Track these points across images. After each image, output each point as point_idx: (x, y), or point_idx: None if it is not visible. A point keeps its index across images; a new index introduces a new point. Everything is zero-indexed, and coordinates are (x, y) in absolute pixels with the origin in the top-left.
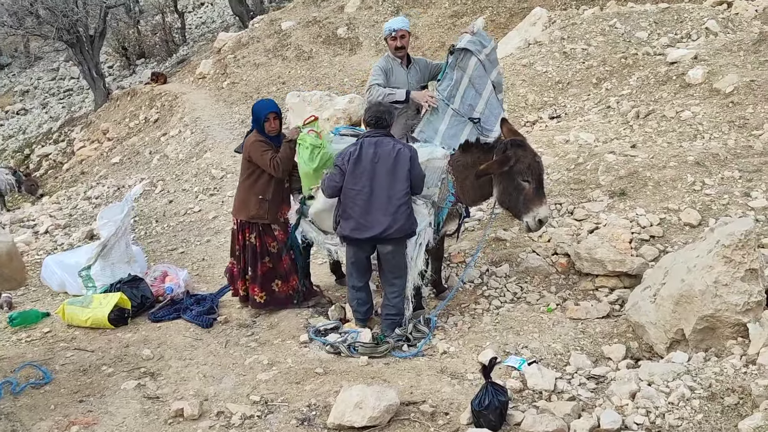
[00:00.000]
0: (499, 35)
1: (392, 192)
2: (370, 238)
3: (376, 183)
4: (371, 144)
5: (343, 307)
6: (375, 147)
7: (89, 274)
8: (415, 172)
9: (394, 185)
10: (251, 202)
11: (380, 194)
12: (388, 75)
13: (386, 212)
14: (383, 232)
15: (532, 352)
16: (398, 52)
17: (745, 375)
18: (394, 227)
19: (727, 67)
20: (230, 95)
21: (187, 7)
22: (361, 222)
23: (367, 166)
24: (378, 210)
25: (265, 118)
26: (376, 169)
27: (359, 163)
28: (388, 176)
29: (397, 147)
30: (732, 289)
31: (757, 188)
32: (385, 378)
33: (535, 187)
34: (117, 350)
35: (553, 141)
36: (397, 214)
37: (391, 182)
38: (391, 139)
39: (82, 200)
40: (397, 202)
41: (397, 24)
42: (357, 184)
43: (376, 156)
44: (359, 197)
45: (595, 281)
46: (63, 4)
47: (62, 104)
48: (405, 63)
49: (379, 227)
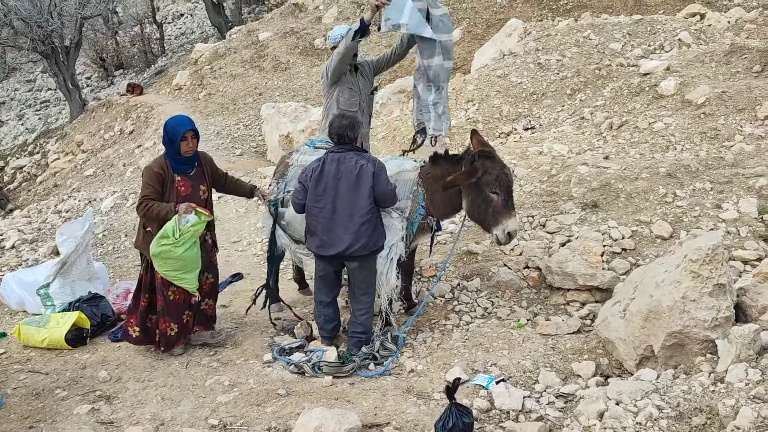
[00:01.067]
0: (475, 46)
1: (354, 210)
2: (334, 255)
3: (338, 200)
4: (334, 160)
5: (309, 325)
6: (338, 163)
7: (48, 292)
8: (379, 187)
9: (357, 202)
10: (139, 231)
11: (342, 212)
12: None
13: (348, 230)
14: (346, 249)
15: (501, 369)
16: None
17: (713, 394)
18: (356, 245)
19: (699, 78)
20: (206, 106)
21: (166, 18)
22: (324, 239)
23: (329, 182)
24: (340, 227)
25: (182, 137)
26: (338, 186)
27: (321, 180)
28: (351, 193)
29: (360, 163)
30: (700, 304)
31: (728, 200)
32: (350, 399)
33: (504, 199)
34: (72, 372)
35: (527, 152)
36: (359, 232)
37: (353, 199)
38: (355, 154)
39: (53, 214)
40: (360, 219)
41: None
42: (319, 201)
43: (338, 173)
44: (321, 215)
45: (566, 295)
46: (38, 15)
47: (39, 116)
48: (353, 69)
49: (342, 245)
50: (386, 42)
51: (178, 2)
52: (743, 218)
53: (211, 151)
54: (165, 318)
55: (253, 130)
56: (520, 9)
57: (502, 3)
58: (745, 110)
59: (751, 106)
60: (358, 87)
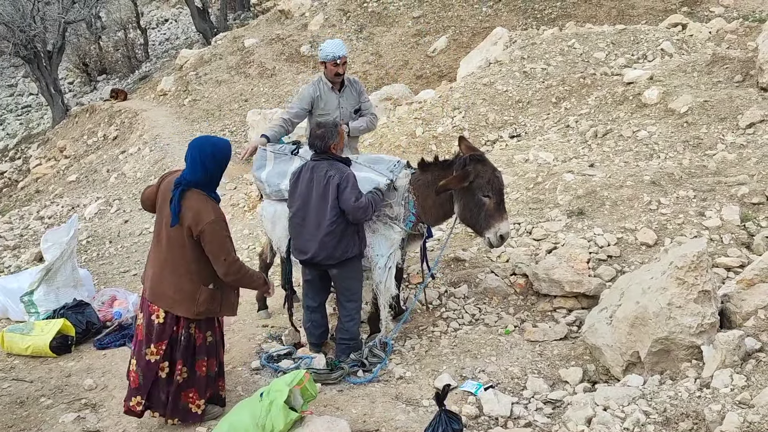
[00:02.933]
0: (461, 54)
1: (321, 219)
2: (304, 261)
3: (308, 208)
4: (308, 168)
5: (298, 332)
6: (311, 172)
7: (32, 299)
8: (342, 201)
9: (324, 212)
10: (201, 296)
11: (311, 220)
12: (316, 102)
13: (314, 238)
14: (312, 257)
15: (489, 376)
16: (337, 78)
17: (699, 399)
18: (321, 255)
19: (682, 87)
20: (191, 112)
21: (150, 24)
22: (296, 244)
23: (303, 190)
24: (308, 234)
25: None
26: (310, 195)
27: (296, 187)
28: (319, 202)
29: (329, 174)
30: (685, 311)
31: (711, 207)
32: (338, 406)
33: (496, 203)
34: (58, 380)
35: (513, 160)
36: (322, 242)
37: (321, 209)
38: (328, 164)
39: (35, 220)
40: (325, 230)
41: (339, 51)
42: (293, 206)
43: (311, 181)
44: (294, 220)
45: (553, 302)
46: (20, 20)
47: (20, 121)
48: (338, 87)
49: (309, 252)
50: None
51: (162, 8)
52: (726, 225)
53: None
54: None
55: (238, 136)
56: (505, 18)
57: (487, 12)
58: (726, 119)
59: (732, 115)
60: (338, 105)
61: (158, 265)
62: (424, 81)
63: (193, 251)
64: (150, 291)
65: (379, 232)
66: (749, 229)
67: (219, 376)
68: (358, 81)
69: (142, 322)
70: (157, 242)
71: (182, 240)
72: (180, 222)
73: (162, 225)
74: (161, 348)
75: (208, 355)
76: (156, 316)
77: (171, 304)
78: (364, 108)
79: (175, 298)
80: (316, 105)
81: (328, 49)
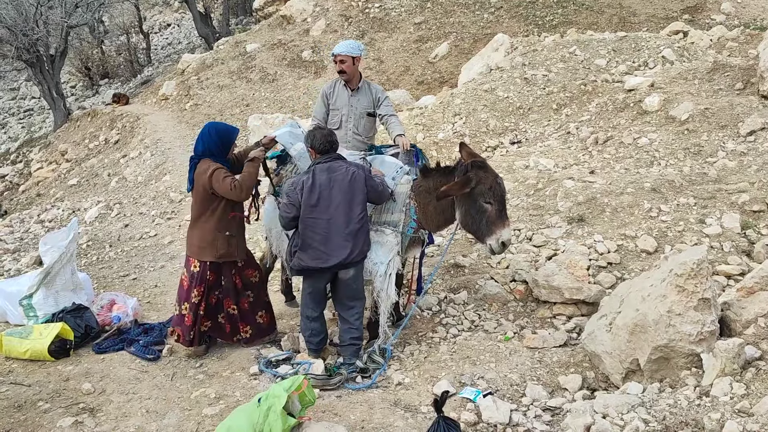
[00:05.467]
0: (462, 60)
1: (350, 216)
2: (334, 265)
3: (333, 209)
4: (323, 170)
5: (296, 337)
6: (328, 173)
7: (31, 302)
8: (373, 190)
9: (352, 209)
10: (218, 240)
11: (338, 220)
12: (328, 98)
13: (347, 238)
14: (347, 257)
15: (488, 382)
16: (341, 75)
17: (699, 407)
18: (355, 252)
19: (683, 95)
20: (193, 117)
21: (152, 28)
22: (321, 250)
23: (323, 193)
24: (338, 236)
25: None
26: (332, 196)
27: (314, 191)
28: (345, 201)
29: (351, 170)
30: (685, 318)
31: (712, 215)
32: (336, 412)
33: (497, 209)
34: (56, 384)
35: (514, 166)
36: (357, 238)
37: (348, 207)
38: (343, 161)
39: (35, 223)
40: (356, 226)
41: (338, 49)
42: (314, 212)
43: (330, 182)
44: (318, 226)
45: (552, 309)
46: (23, 23)
47: (22, 124)
48: (351, 86)
49: (343, 253)
50: (373, 56)
51: (165, 12)
52: (726, 233)
53: None
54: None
55: (240, 141)
56: (507, 24)
57: (489, 18)
58: (727, 127)
59: (733, 123)
60: (348, 104)
61: (190, 225)
62: (426, 87)
63: (209, 206)
64: (187, 247)
65: (374, 239)
66: (749, 236)
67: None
68: (381, 89)
69: (185, 275)
70: (190, 208)
71: (199, 199)
72: (194, 186)
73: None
74: (201, 291)
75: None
76: (193, 266)
77: (198, 252)
78: (386, 111)
79: (201, 246)
80: (329, 99)
81: (335, 48)
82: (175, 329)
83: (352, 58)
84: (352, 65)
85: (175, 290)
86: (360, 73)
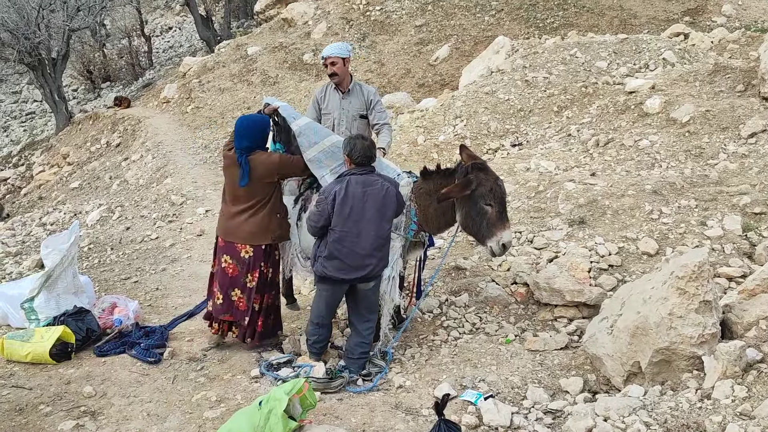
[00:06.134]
0: (463, 63)
1: (379, 231)
2: (357, 278)
3: (364, 223)
4: (359, 182)
5: (298, 340)
6: (363, 186)
7: (32, 306)
8: (400, 203)
9: (382, 225)
10: (273, 223)
11: (367, 234)
12: (319, 102)
13: (373, 253)
14: (371, 271)
15: (489, 385)
16: (331, 78)
17: (700, 410)
18: (379, 266)
19: (684, 97)
20: (194, 120)
21: (154, 31)
22: (347, 263)
23: (356, 205)
24: (365, 249)
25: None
26: (365, 210)
27: (346, 203)
28: (377, 216)
29: (385, 186)
30: (686, 321)
31: (713, 217)
32: (338, 415)
33: (498, 211)
34: (57, 387)
35: (515, 168)
36: (382, 252)
37: (379, 222)
38: (377, 175)
39: (37, 226)
40: (383, 241)
41: (327, 51)
42: (345, 224)
43: (364, 195)
44: (348, 238)
45: (553, 311)
46: (25, 27)
47: (24, 127)
48: (342, 88)
49: (368, 267)
50: (374, 58)
51: (166, 16)
52: (728, 235)
53: (199, 165)
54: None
55: None
56: (508, 26)
57: (490, 20)
58: (728, 129)
59: (734, 125)
60: (339, 107)
61: (236, 213)
62: (426, 89)
63: (268, 192)
64: (232, 234)
65: None
66: (751, 238)
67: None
68: (374, 91)
69: (231, 263)
70: (232, 198)
71: (259, 188)
72: (250, 179)
73: (235, 185)
74: (255, 276)
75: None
76: (245, 252)
77: (252, 237)
78: (379, 119)
79: (254, 232)
80: (321, 104)
81: (324, 50)
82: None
83: (342, 60)
84: (342, 66)
85: (176, 293)
86: (351, 75)
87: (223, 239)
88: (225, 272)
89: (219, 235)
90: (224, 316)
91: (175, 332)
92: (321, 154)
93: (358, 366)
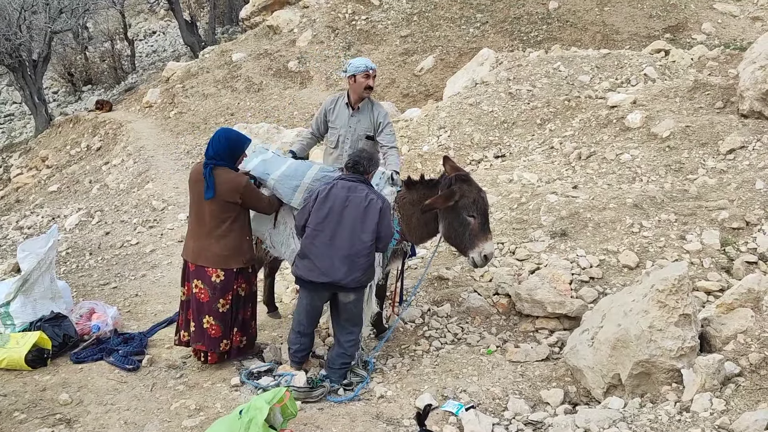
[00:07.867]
0: (448, 74)
1: (355, 241)
2: (325, 284)
3: (340, 228)
4: (344, 187)
5: (279, 349)
6: (347, 191)
7: (8, 311)
8: (384, 223)
9: (360, 235)
10: (244, 246)
11: (341, 241)
12: (327, 115)
13: (345, 260)
14: (340, 279)
15: (471, 396)
16: (367, 91)
17: (679, 423)
18: (349, 277)
19: (664, 112)
20: (177, 125)
21: (137, 35)
22: (316, 264)
23: (335, 208)
24: (336, 256)
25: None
26: (343, 214)
27: (326, 204)
28: (355, 224)
29: (370, 197)
30: (666, 334)
31: (692, 231)
32: (318, 425)
33: (480, 223)
34: (32, 394)
35: (497, 180)
36: (355, 264)
37: (356, 231)
38: (366, 187)
39: (14, 230)
40: (359, 252)
41: (367, 63)
42: (320, 224)
43: (346, 200)
44: (319, 239)
45: (535, 323)
46: (6, 28)
47: (2, 129)
48: (353, 105)
49: (336, 274)
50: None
51: (150, 20)
52: (706, 249)
53: (181, 170)
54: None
55: None
56: (492, 39)
57: (474, 32)
58: (707, 144)
59: (713, 141)
60: (347, 124)
61: (204, 234)
62: (411, 99)
63: (232, 213)
64: (202, 258)
65: None
66: (729, 253)
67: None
68: (385, 113)
69: (202, 288)
70: (197, 218)
71: (221, 208)
72: (215, 194)
73: (200, 202)
74: (228, 299)
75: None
76: (216, 276)
77: (223, 261)
78: (387, 142)
79: (225, 255)
80: (329, 116)
81: (359, 62)
82: (196, 349)
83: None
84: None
85: (156, 299)
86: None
87: (192, 263)
88: (197, 298)
89: (187, 259)
90: (196, 345)
91: (154, 339)
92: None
93: (339, 376)
